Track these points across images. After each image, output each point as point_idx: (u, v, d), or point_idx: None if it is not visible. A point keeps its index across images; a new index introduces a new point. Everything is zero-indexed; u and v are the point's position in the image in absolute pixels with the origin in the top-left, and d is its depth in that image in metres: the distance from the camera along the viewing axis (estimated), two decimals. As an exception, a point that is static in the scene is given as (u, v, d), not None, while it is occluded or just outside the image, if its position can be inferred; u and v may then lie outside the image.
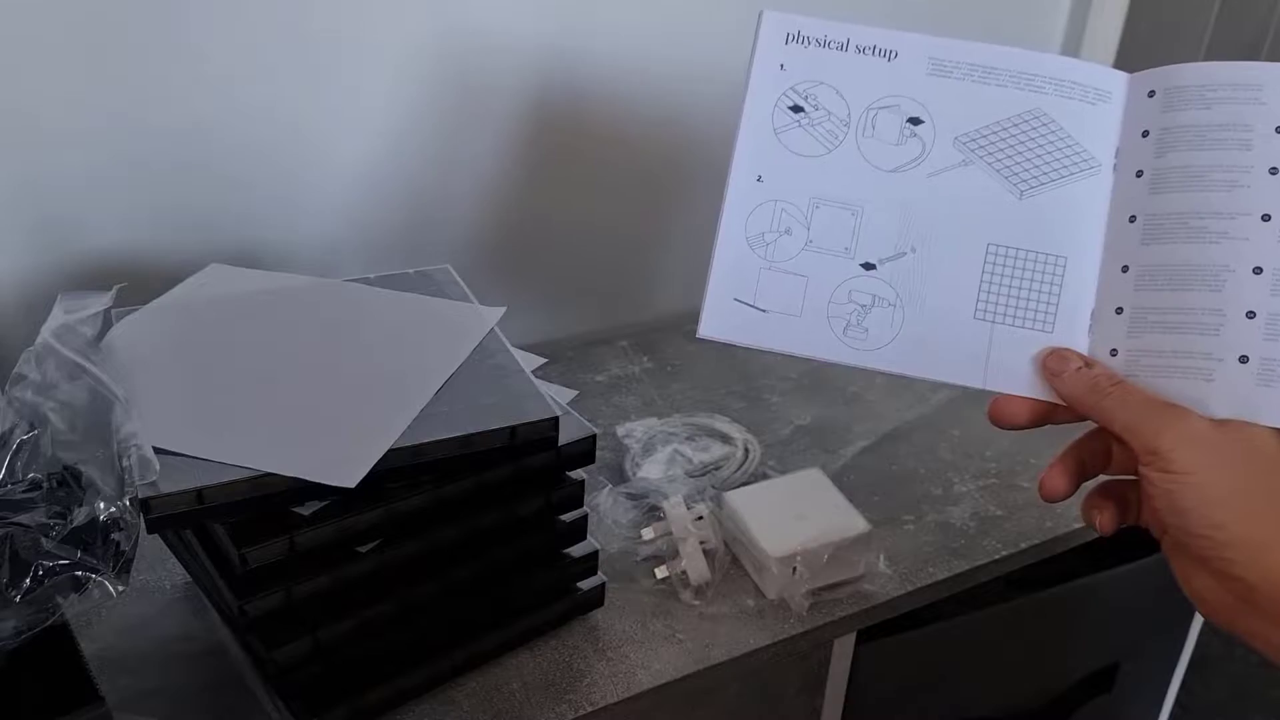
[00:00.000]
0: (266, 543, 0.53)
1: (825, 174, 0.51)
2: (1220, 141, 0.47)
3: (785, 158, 0.51)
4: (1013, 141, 0.50)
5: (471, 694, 0.63)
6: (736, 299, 0.50)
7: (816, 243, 0.50)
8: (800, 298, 0.50)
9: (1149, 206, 0.48)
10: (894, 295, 0.50)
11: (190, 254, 0.81)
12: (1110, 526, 0.48)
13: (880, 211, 0.50)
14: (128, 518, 0.48)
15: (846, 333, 0.50)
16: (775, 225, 0.51)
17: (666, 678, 0.65)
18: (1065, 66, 0.51)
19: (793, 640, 0.69)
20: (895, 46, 0.51)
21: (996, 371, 0.49)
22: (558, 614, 0.67)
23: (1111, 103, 0.50)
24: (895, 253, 0.50)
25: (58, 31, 0.73)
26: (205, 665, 0.64)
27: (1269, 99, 0.47)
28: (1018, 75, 0.51)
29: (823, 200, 0.51)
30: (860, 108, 0.51)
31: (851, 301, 0.50)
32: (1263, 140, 0.47)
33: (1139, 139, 0.49)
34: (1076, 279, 0.49)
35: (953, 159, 0.50)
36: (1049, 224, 0.50)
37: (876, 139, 0.51)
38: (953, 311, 0.50)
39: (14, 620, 0.46)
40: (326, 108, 0.83)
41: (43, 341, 0.54)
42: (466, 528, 0.60)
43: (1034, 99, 0.50)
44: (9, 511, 0.48)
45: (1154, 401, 0.46)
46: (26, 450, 0.50)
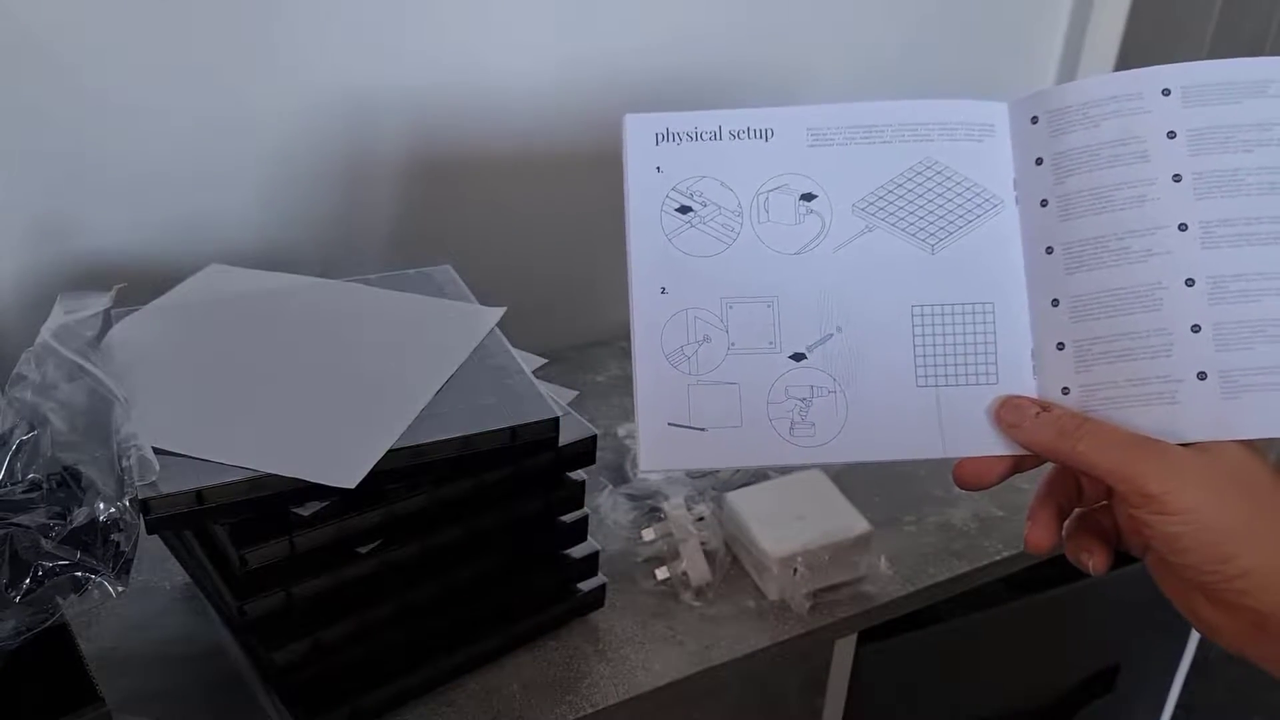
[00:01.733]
0: (266, 543, 0.53)
1: (730, 271, 0.48)
2: (1117, 158, 0.46)
3: (685, 263, 0.48)
4: (910, 197, 0.49)
5: (472, 695, 0.63)
6: (671, 424, 0.47)
7: (739, 344, 0.48)
8: (737, 406, 0.47)
9: (1063, 235, 0.47)
10: (831, 381, 0.47)
11: (190, 254, 0.81)
12: (1104, 567, 0.47)
13: (796, 297, 0.48)
14: (127, 518, 0.48)
15: (793, 432, 0.47)
16: (692, 336, 0.48)
17: (667, 679, 0.65)
18: (943, 109, 0.49)
19: (794, 641, 0.69)
20: (769, 125, 0.49)
21: (953, 436, 0.47)
22: (558, 615, 0.67)
23: (997, 136, 0.49)
24: (821, 336, 0.48)
25: (58, 32, 0.73)
26: (205, 666, 0.64)
27: (1151, 105, 0.46)
28: (899, 128, 0.49)
29: (734, 298, 0.48)
30: (749, 194, 0.48)
31: (790, 398, 0.47)
32: (1158, 149, 0.46)
33: (1034, 167, 0.48)
34: (1009, 322, 0.47)
35: (855, 228, 0.48)
36: (967, 272, 0.48)
37: (773, 223, 0.48)
38: (894, 384, 0.47)
39: (14, 620, 0.46)
40: (326, 104, 0.83)
41: (42, 342, 0.54)
42: (467, 528, 0.60)
43: (921, 149, 0.49)
44: (9, 512, 0.47)
45: (1130, 439, 0.44)
46: (26, 451, 0.50)
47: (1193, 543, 0.42)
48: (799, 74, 1.05)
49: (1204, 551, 0.42)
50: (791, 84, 1.05)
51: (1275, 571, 0.41)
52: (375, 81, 0.84)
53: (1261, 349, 0.44)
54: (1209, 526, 0.42)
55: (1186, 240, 0.45)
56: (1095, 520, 0.48)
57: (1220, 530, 0.42)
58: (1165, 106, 0.46)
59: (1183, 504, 0.42)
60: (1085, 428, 0.45)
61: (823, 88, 1.07)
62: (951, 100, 0.49)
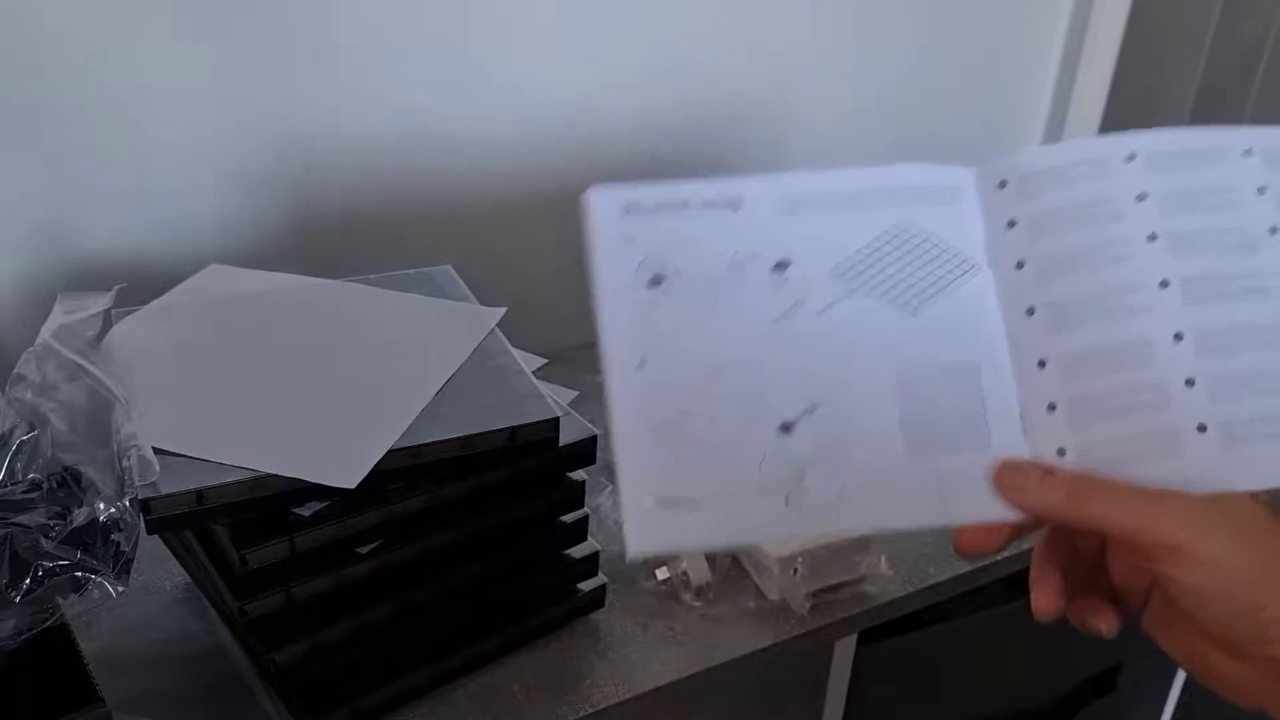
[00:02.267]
0: (267, 544, 0.53)
1: (709, 340, 0.46)
2: (1093, 219, 0.46)
3: (662, 335, 0.46)
4: (887, 261, 0.48)
5: (472, 695, 0.63)
6: (659, 502, 0.45)
7: (723, 416, 0.46)
8: (726, 479, 0.45)
9: (1044, 295, 0.46)
10: (822, 450, 0.46)
11: (189, 254, 0.81)
12: (1117, 628, 0.47)
13: (779, 366, 0.46)
14: (128, 518, 0.48)
15: (789, 503, 0.45)
16: (674, 408, 0.46)
17: (667, 679, 0.65)
18: (911, 173, 0.49)
19: (794, 641, 0.69)
20: (737, 194, 0.48)
21: (953, 504, 0.45)
22: (558, 615, 0.67)
23: (966, 199, 0.49)
24: (809, 405, 0.46)
25: (61, 31, 0.73)
26: (205, 666, 0.64)
27: (1118, 170, 0.46)
28: (868, 194, 0.49)
29: (716, 370, 0.46)
30: (723, 264, 0.47)
31: (782, 468, 0.45)
32: (1130, 210, 0.46)
33: (1006, 230, 0.48)
34: (995, 383, 0.47)
35: (835, 293, 0.47)
36: (950, 334, 0.47)
37: (750, 291, 0.47)
38: (885, 453, 0.46)
39: (14, 620, 0.46)
40: (327, 105, 0.83)
41: (43, 342, 0.54)
42: (467, 529, 0.60)
43: (893, 213, 0.48)
44: (9, 512, 0.47)
45: (1143, 492, 0.43)
46: (27, 451, 0.50)
47: (1218, 593, 0.41)
48: (791, 109, 1.05)
49: (1230, 602, 0.41)
50: (782, 119, 1.06)
51: None
52: (376, 89, 0.84)
53: (1250, 401, 0.44)
54: (1233, 575, 0.41)
55: (1168, 296, 0.45)
56: (1098, 581, 0.48)
57: (1245, 578, 0.41)
58: (1132, 170, 0.47)
59: (1207, 552, 0.41)
60: (1095, 485, 0.44)
61: (812, 127, 1.08)
62: (919, 165, 0.49)
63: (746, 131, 1.05)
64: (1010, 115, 1.23)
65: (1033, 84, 1.22)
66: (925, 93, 1.14)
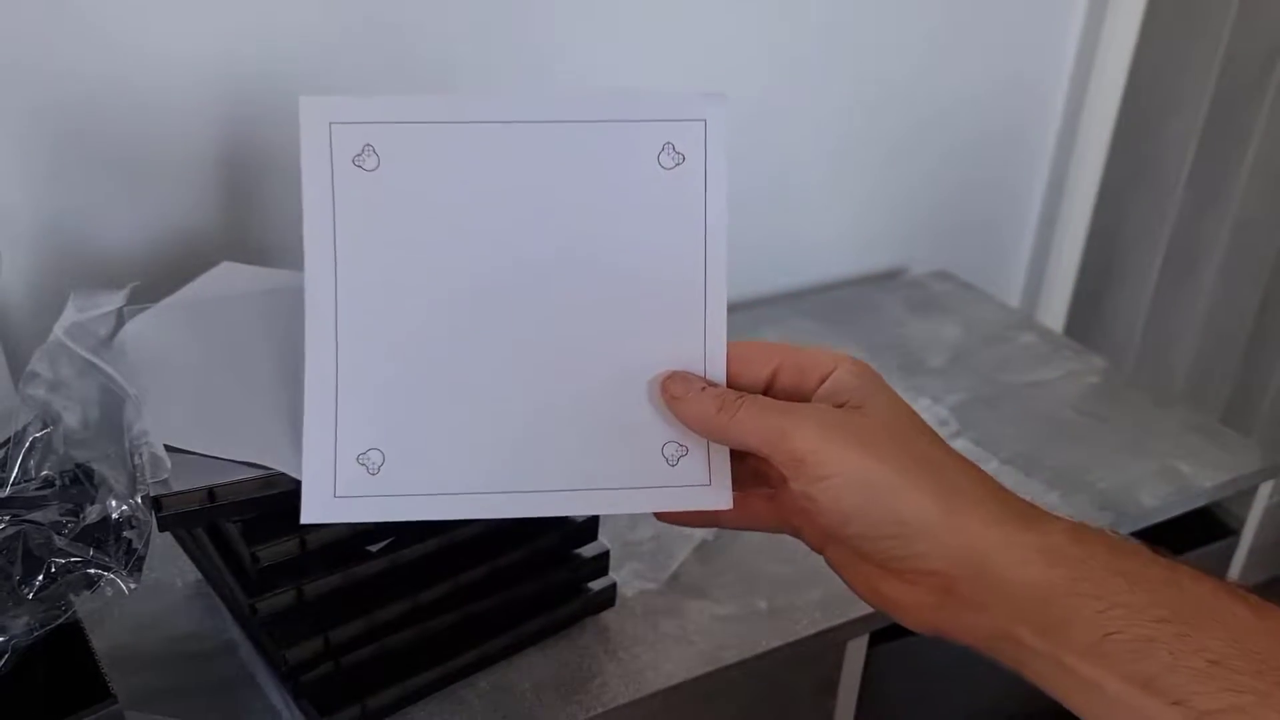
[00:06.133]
0: (278, 541, 0.53)
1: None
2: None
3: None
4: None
5: (482, 694, 0.63)
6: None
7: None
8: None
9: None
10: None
11: (201, 251, 0.81)
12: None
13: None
14: (140, 516, 0.48)
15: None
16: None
17: (678, 679, 0.65)
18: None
19: (805, 642, 0.69)
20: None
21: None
22: (569, 614, 0.67)
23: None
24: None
25: (68, 27, 0.73)
26: (216, 663, 0.64)
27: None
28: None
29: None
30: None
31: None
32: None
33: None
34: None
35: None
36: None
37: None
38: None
39: (27, 617, 0.46)
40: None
41: (55, 339, 0.54)
42: (477, 527, 0.60)
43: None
44: (22, 509, 0.48)
45: (781, 406, 0.43)
46: (39, 448, 0.50)
47: (855, 508, 0.40)
48: (796, 101, 1.05)
49: (869, 518, 0.40)
50: (786, 113, 1.05)
51: (951, 528, 0.39)
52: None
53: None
54: (865, 488, 0.40)
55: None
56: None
57: (879, 490, 0.40)
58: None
59: (834, 464, 0.40)
60: (744, 400, 0.43)
61: (813, 122, 1.07)
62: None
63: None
64: (1024, 117, 1.22)
65: (1046, 84, 1.21)
66: (939, 87, 1.13)
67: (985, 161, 1.22)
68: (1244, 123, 1.21)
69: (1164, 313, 1.34)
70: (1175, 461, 0.88)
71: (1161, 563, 0.38)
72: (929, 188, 1.19)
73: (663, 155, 0.47)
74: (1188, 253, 1.30)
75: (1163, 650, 0.35)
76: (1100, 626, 0.36)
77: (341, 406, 0.47)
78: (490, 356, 0.47)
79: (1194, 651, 0.34)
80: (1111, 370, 1.02)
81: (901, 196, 1.18)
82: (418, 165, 0.46)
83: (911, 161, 1.16)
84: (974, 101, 1.16)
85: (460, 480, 0.47)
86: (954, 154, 1.19)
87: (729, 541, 0.76)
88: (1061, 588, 0.38)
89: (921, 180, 1.18)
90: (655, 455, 0.47)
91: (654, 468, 0.47)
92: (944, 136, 1.16)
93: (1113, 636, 0.36)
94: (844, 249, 1.18)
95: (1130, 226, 1.31)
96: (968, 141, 1.19)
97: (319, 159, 0.46)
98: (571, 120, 0.47)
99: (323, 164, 0.46)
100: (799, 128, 1.07)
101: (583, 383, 0.47)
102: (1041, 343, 1.06)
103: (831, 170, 1.12)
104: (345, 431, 0.47)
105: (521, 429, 0.47)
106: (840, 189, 1.14)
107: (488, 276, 0.47)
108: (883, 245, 1.20)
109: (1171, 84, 1.22)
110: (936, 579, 0.40)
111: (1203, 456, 0.88)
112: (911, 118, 1.13)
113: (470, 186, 0.47)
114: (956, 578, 0.39)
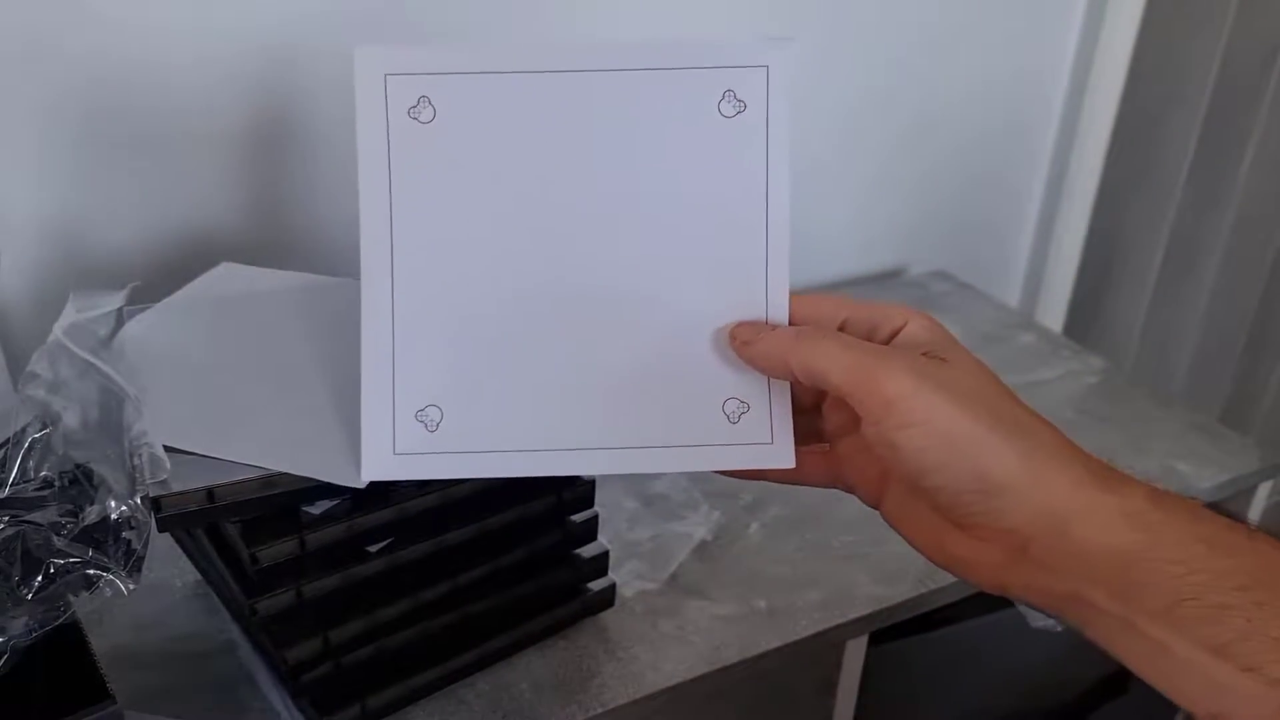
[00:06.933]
0: (277, 542, 0.53)
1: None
2: None
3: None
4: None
5: (481, 694, 0.63)
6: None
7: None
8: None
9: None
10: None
11: (201, 252, 0.81)
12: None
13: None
14: (139, 516, 0.48)
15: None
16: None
17: (677, 679, 0.65)
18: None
19: (805, 642, 0.69)
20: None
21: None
22: (568, 614, 0.67)
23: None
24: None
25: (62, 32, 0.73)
26: (216, 664, 0.64)
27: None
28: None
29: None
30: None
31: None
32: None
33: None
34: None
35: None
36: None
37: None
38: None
39: (26, 618, 0.46)
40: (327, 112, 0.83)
41: (55, 340, 0.54)
42: (477, 528, 0.60)
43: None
44: (22, 509, 0.48)
45: (865, 346, 0.41)
46: (39, 448, 0.50)
47: (938, 458, 0.39)
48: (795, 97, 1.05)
49: (952, 469, 0.39)
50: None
51: (1034, 486, 0.38)
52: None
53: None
54: (951, 437, 0.39)
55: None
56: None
57: (965, 442, 0.39)
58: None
59: (922, 411, 0.39)
60: (820, 334, 0.42)
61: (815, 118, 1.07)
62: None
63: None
64: (1023, 116, 1.22)
65: (1046, 83, 1.21)
66: (937, 87, 1.13)
67: (984, 162, 1.22)
68: (1243, 122, 1.21)
69: (1163, 312, 1.34)
70: (1174, 461, 0.88)
71: (1242, 530, 0.37)
72: (928, 188, 1.19)
73: (723, 103, 0.46)
74: (1187, 252, 1.30)
75: (1239, 617, 0.34)
76: (1176, 592, 0.35)
77: (399, 363, 0.46)
78: (548, 311, 0.46)
79: (1271, 619, 0.34)
80: (1111, 370, 1.02)
81: (900, 196, 1.18)
82: (474, 117, 0.45)
83: (910, 162, 1.16)
84: (973, 101, 1.16)
85: (519, 437, 0.46)
86: (953, 154, 1.19)
87: (728, 542, 0.76)
88: (1141, 552, 0.37)
89: (920, 180, 1.18)
90: (716, 412, 0.45)
91: (715, 425, 0.45)
92: (943, 137, 1.16)
93: (1188, 602, 0.35)
94: (843, 249, 1.18)
95: (1130, 226, 1.31)
96: (967, 142, 1.19)
97: (374, 112, 0.45)
98: (630, 69, 0.45)
99: (378, 117, 0.45)
100: (797, 128, 1.07)
101: (642, 337, 0.46)
102: (1041, 342, 1.06)
103: (830, 171, 1.12)
104: (403, 389, 0.46)
105: (579, 385, 0.46)
106: (839, 189, 1.14)
107: (545, 229, 0.46)
108: (882, 245, 1.21)
109: (1171, 83, 1.22)
110: (1011, 537, 0.39)
111: (1202, 456, 0.88)
112: (910, 118, 1.13)
113: (527, 138, 0.45)
114: (1033, 537, 0.38)
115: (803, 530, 0.78)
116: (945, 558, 0.42)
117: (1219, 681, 0.34)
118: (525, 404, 0.46)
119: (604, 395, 0.46)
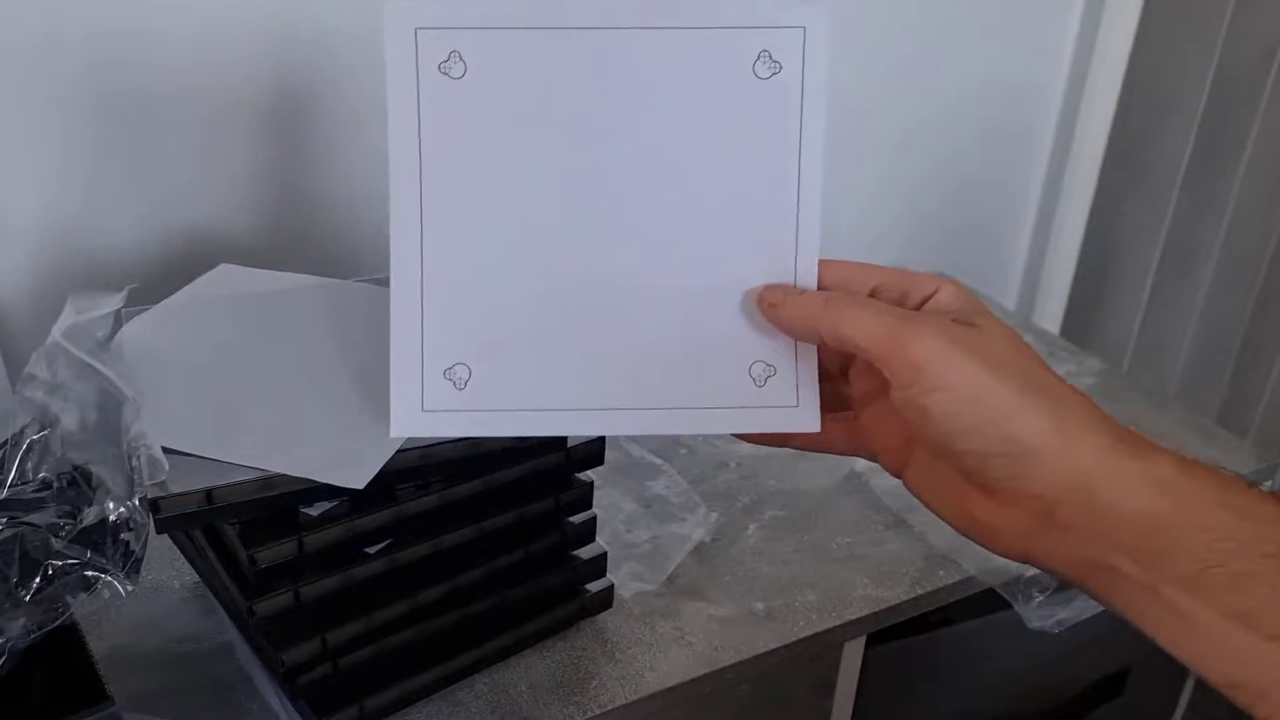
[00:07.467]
0: (275, 543, 0.53)
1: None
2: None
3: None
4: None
5: (479, 695, 0.63)
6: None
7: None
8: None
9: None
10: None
11: (199, 254, 0.81)
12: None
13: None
14: (137, 518, 0.48)
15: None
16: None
17: (675, 680, 0.65)
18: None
19: (802, 643, 0.69)
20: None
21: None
22: (566, 616, 0.67)
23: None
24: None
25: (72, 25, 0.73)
26: (214, 665, 0.64)
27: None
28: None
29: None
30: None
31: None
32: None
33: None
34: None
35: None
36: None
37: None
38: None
39: (24, 619, 0.46)
40: (326, 111, 0.83)
41: (53, 341, 0.54)
42: (475, 529, 0.60)
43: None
44: (20, 511, 0.48)
45: (895, 311, 0.41)
46: (37, 450, 0.50)
47: (968, 422, 0.39)
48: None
49: (985, 432, 0.39)
50: None
51: (1063, 451, 0.38)
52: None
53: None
54: (981, 402, 0.38)
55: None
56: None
57: (995, 406, 0.38)
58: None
59: (952, 376, 0.39)
60: (849, 300, 0.42)
61: None
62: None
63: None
64: (1020, 118, 1.22)
65: (1043, 86, 1.22)
66: (934, 90, 1.14)
67: (982, 164, 1.22)
68: (1240, 124, 1.21)
69: (1160, 314, 1.34)
70: (1171, 463, 0.88)
71: (1270, 498, 0.37)
72: (925, 190, 1.19)
73: (758, 64, 0.45)
74: (1184, 254, 1.30)
75: (1264, 585, 0.34)
76: (1202, 559, 0.35)
77: (427, 321, 0.46)
78: (576, 270, 0.45)
79: None
80: (1107, 371, 1.02)
81: (898, 199, 1.18)
82: (505, 73, 0.45)
83: (908, 164, 1.16)
84: (970, 103, 1.16)
85: (546, 397, 0.45)
86: (950, 157, 1.19)
87: (726, 543, 0.76)
88: (1167, 519, 0.37)
89: (918, 183, 1.18)
90: (742, 374, 0.45)
91: (741, 387, 0.45)
92: (940, 139, 1.17)
93: (1214, 569, 0.35)
94: (842, 251, 1.18)
95: (1126, 227, 1.31)
96: (964, 144, 1.19)
97: (404, 67, 0.45)
98: (664, 26, 0.45)
99: (408, 72, 0.45)
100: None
101: (670, 298, 0.45)
102: (1038, 344, 1.06)
103: (829, 174, 1.12)
104: (431, 346, 0.46)
105: (607, 345, 0.45)
106: (837, 192, 1.14)
107: (575, 188, 0.45)
108: (880, 247, 1.21)
109: (1168, 85, 1.22)
110: (1037, 502, 0.39)
111: (1199, 457, 0.88)
112: (908, 120, 1.13)
113: (558, 95, 0.45)
114: (1059, 502, 0.38)
115: (800, 532, 0.78)
116: (970, 524, 0.42)
117: (1241, 649, 0.34)
118: (552, 364, 0.45)
119: (631, 356, 0.45)
